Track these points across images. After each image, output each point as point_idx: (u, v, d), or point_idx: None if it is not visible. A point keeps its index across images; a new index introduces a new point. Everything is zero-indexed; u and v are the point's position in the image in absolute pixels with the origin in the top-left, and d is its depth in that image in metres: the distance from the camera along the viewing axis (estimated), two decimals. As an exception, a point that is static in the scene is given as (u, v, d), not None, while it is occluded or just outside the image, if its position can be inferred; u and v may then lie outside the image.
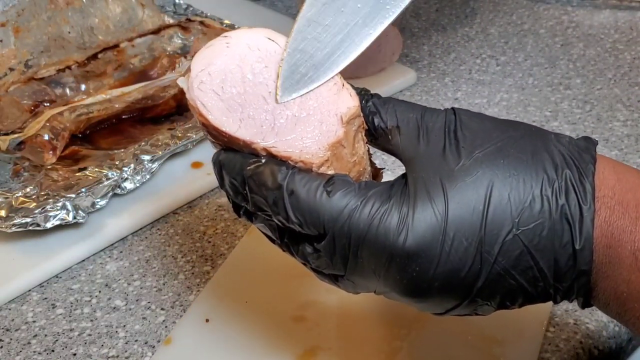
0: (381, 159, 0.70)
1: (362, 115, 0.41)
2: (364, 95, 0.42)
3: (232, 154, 0.40)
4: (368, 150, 0.43)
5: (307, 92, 0.40)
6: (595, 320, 0.55)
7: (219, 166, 0.40)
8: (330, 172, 0.40)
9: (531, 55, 0.91)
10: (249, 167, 0.39)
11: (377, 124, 0.42)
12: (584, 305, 0.40)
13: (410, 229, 0.37)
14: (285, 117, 0.39)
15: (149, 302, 0.59)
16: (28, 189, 0.63)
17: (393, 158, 0.43)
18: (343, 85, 0.41)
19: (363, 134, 0.42)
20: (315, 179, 0.38)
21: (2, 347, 0.56)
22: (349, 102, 0.40)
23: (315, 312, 0.56)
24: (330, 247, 0.38)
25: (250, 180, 0.39)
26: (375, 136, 0.42)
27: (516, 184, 0.38)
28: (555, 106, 0.81)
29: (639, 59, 0.89)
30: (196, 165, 0.72)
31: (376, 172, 0.45)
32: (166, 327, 0.57)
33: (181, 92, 0.74)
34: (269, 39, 0.40)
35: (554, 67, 0.88)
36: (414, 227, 0.37)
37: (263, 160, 0.39)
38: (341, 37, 0.40)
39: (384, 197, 0.38)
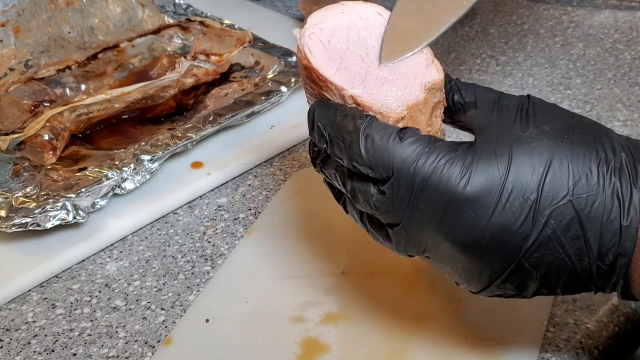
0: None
1: (444, 90, 0.46)
2: (447, 77, 0.47)
3: (326, 102, 0.45)
4: (444, 133, 0.47)
5: (403, 59, 0.46)
6: (595, 320, 0.55)
7: (312, 112, 0.45)
8: None
9: (531, 55, 0.90)
10: (336, 111, 0.44)
11: (456, 99, 0.47)
12: (623, 293, 0.43)
13: (472, 176, 0.41)
14: (375, 75, 0.45)
15: (149, 302, 0.59)
16: (28, 189, 0.63)
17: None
18: (433, 60, 0.46)
19: (442, 110, 0.46)
20: (390, 127, 0.43)
21: (2, 347, 0.56)
22: (435, 75, 0.46)
23: (315, 312, 0.56)
24: (394, 187, 0.42)
25: (335, 123, 0.44)
26: (454, 110, 0.47)
27: (576, 157, 0.41)
28: (555, 106, 0.81)
29: (639, 59, 0.89)
30: (196, 165, 0.72)
31: None
32: (166, 327, 0.57)
33: (181, 93, 0.75)
34: (378, 13, 0.47)
35: (554, 67, 0.88)
36: (475, 175, 0.41)
37: (349, 107, 0.44)
38: (435, 11, 0.47)
39: (450, 149, 0.42)
